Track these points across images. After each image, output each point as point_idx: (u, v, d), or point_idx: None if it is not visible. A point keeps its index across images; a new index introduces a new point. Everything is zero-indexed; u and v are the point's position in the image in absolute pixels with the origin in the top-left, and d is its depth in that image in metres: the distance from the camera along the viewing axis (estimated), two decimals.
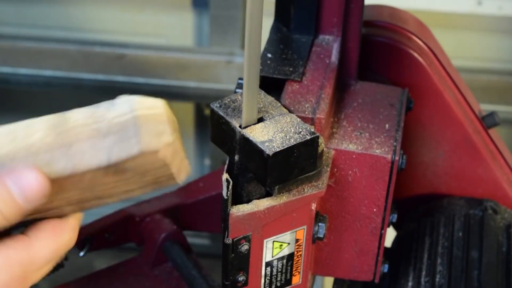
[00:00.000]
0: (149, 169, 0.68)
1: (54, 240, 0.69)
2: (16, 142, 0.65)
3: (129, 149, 0.66)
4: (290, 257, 0.93)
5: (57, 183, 0.66)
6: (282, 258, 0.93)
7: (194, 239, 1.52)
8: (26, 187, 0.63)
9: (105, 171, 0.67)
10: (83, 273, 1.21)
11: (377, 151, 0.95)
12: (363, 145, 0.96)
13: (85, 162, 0.66)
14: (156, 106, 0.69)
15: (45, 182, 0.63)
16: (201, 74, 2.20)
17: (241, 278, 0.90)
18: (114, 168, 0.67)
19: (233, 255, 0.88)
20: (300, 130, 0.85)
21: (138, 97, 0.69)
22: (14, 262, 0.66)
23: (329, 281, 1.68)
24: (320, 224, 0.93)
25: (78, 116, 0.68)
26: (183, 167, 0.71)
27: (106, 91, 2.25)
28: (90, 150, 0.66)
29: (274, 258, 0.92)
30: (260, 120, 0.86)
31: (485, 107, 1.24)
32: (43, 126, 0.67)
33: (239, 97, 0.88)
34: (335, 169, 0.96)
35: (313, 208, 0.91)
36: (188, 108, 2.48)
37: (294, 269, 0.95)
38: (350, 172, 0.96)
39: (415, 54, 1.11)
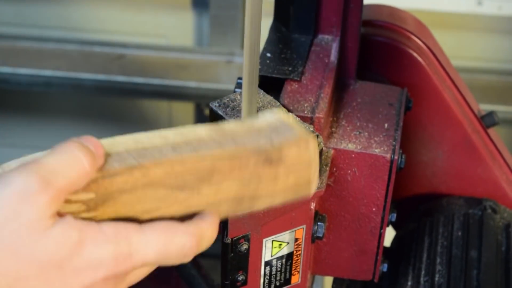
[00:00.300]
0: (296, 164, 0.73)
1: (165, 237, 0.66)
2: (184, 135, 0.70)
3: (287, 135, 0.73)
4: (289, 256, 0.94)
5: (223, 163, 0.69)
6: (281, 257, 0.93)
7: None
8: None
9: (266, 157, 0.71)
10: None
11: (376, 150, 0.95)
12: (362, 144, 0.96)
13: (249, 143, 0.71)
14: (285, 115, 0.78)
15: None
16: (201, 74, 2.21)
17: (241, 278, 0.91)
18: (275, 154, 0.72)
19: (232, 254, 0.88)
20: None
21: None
22: (122, 237, 0.63)
23: (328, 280, 1.68)
24: (319, 223, 0.94)
25: (230, 124, 0.73)
26: (316, 178, 0.77)
27: (106, 91, 2.25)
28: (251, 138, 0.72)
29: (273, 257, 0.92)
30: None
31: (485, 107, 1.24)
32: (204, 128, 0.71)
33: (239, 97, 0.89)
34: (334, 169, 0.96)
35: (312, 207, 0.91)
36: (188, 108, 2.48)
37: (293, 269, 0.95)
38: (349, 171, 0.96)
39: (414, 54, 1.11)
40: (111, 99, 2.47)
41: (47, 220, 0.60)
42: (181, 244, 0.67)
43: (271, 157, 0.72)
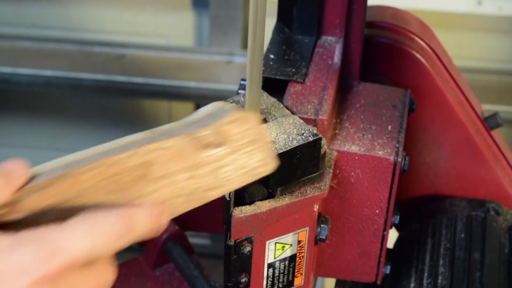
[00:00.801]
0: (241, 143, 0.73)
1: (90, 223, 0.62)
2: (116, 143, 0.69)
3: (224, 117, 0.73)
4: (292, 258, 0.93)
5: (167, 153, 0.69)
6: (284, 259, 0.93)
7: (194, 239, 1.52)
8: None
9: (206, 143, 0.71)
10: None
11: (379, 152, 0.95)
12: (366, 146, 0.96)
13: (184, 132, 0.71)
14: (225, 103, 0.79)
15: None
16: (201, 74, 2.21)
17: (243, 280, 0.90)
18: (214, 137, 0.71)
19: (235, 256, 0.88)
20: (303, 131, 0.85)
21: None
22: (42, 236, 0.61)
23: (330, 282, 1.68)
24: (322, 225, 0.93)
25: (167, 125, 0.73)
26: (270, 155, 0.76)
27: (106, 91, 2.25)
28: (186, 128, 0.72)
29: (276, 259, 0.92)
30: (263, 121, 0.86)
31: (485, 107, 1.24)
32: (139, 133, 0.71)
33: (242, 98, 0.88)
34: (338, 171, 0.96)
35: (315, 209, 0.91)
36: (188, 108, 2.48)
37: (296, 271, 0.95)
38: (352, 173, 0.96)
39: (418, 55, 1.11)
40: (111, 99, 2.47)
41: None
42: (109, 226, 0.63)
43: (210, 141, 0.71)
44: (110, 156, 0.66)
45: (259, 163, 0.75)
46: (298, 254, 0.93)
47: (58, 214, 0.64)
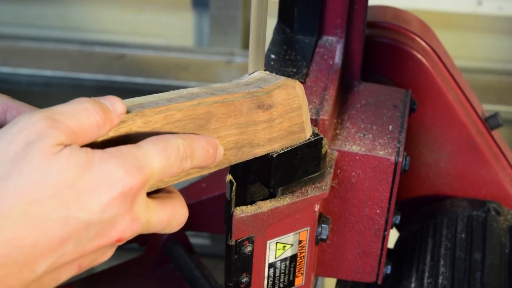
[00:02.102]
0: (288, 108, 0.79)
1: (161, 143, 0.68)
2: (177, 92, 0.75)
3: (274, 82, 0.79)
4: (293, 258, 0.93)
5: (218, 109, 0.74)
6: (285, 259, 0.93)
7: (195, 239, 1.52)
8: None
9: (258, 103, 0.77)
10: (85, 273, 1.21)
11: (380, 152, 0.95)
12: (367, 146, 0.96)
13: (241, 91, 0.76)
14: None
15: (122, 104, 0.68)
16: (201, 74, 2.20)
17: (244, 280, 0.90)
18: (266, 100, 0.77)
19: (236, 256, 0.88)
20: None
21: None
22: (127, 152, 0.66)
23: (331, 282, 1.68)
24: (323, 225, 0.93)
25: (219, 84, 0.79)
26: (309, 123, 0.83)
27: (106, 91, 2.25)
28: (241, 88, 0.77)
29: (277, 259, 0.92)
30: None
31: (485, 107, 1.25)
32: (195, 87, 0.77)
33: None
34: (339, 171, 0.96)
35: (316, 209, 0.91)
36: None
37: (297, 271, 0.95)
38: (353, 173, 0.96)
39: (419, 56, 1.11)
40: None
41: (55, 147, 0.62)
42: (176, 147, 0.68)
43: (262, 103, 0.77)
44: (178, 102, 0.72)
45: (299, 128, 0.81)
46: (299, 254, 0.93)
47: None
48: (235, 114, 0.75)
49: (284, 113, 0.79)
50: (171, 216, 0.71)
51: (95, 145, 0.66)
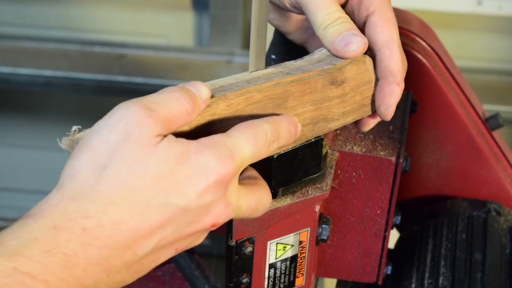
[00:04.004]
0: (359, 82, 0.82)
1: (249, 129, 0.72)
2: (253, 74, 0.78)
3: (343, 54, 0.81)
4: (294, 259, 0.93)
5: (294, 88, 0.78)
6: (285, 260, 0.93)
7: None
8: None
9: (331, 80, 0.80)
10: None
11: (381, 153, 0.95)
12: (367, 147, 0.96)
13: (314, 69, 0.80)
14: None
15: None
16: (201, 74, 2.20)
17: (245, 280, 0.90)
18: (339, 75, 0.80)
19: (236, 257, 0.88)
20: None
21: None
22: (219, 142, 0.70)
23: (331, 282, 1.68)
24: (323, 226, 0.93)
25: (292, 61, 0.82)
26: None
27: (106, 91, 2.25)
28: (314, 66, 0.81)
29: (277, 260, 0.92)
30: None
31: (485, 107, 1.24)
32: (270, 67, 0.80)
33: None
34: (339, 171, 0.96)
35: (317, 210, 0.91)
36: None
37: (297, 271, 0.95)
38: (354, 174, 0.96)
39: (419, 56, 1.11)
40: (111, 99, 2.46)
41: (153, 138, 0.66)
42: (264, 132, 0.72)
43: (335, 79, 0.80)
44: (257, 83, 0.76)
45: (370, 100, 0.84)
46: (299, 254, 0.93)
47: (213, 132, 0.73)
48: (310, 92, 0.79)
49: (356, 87, 0.82)
50: (258, 201, 0.75)
51: (184, 131, 0.71)
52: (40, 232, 0.64)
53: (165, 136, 0.68)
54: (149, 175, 0.66)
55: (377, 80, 0.84)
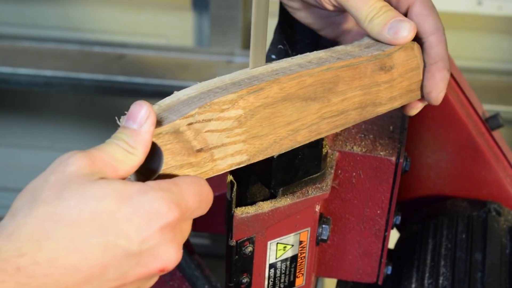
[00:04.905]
0: (407, 68, 0.84)
1: (194, 183, 0.71)
2: (305, 57, 0.81)
3: (395, 42, 0.83)
4: (294, 259, 0.93)
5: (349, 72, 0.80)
6: (285, 260, 0.93)
7: (195, 239, 1.52)
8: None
9: (380, 65, 0.82)
10: None
11: (381, 153, 0.95)
12: (367, 147, 0.96)
13: (364, 54, 0.82)
14: None
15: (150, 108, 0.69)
16: (201, 74, 2.20)
17: (245, 280, 0.90)
18: (388, 61, 0.82)
19: (236, 257, 0.88)
20: None
21: None
22: (166, 186, 0.68)
23: (331, 282, 1.68)
24: (324, 226, 0.93)
25: (342, 46, 0.84)
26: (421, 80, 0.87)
27: (106, 91, 2.25)
28: (363, 51, 0.83)
29: (277, 260, 0.92)
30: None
31: (485, 107, 1.24)
32: (321, 51, 0.82)
33: None
34: (339, 171, 0.96)
35: (317, 210, 0.91)
36: None
37: (297, 271, 0.95)
38: (354, 174, 0.96)
39: None
40: (111, 99, 2.46)
41: (92, 175, 0.65)
42: (205, 194, 0.71)
43: (384, 65, 0.82)
44: (309, 68, 0.77)
45: (417, 86, 0.86)
46: (299, 254, 0.93)
47: (267, 114, 0.75)
48: (360, 77, 0.80)
49: (404, 73, 0.84)
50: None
51: (241, 119, 0.73)
52: None
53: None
54: (86, 209, 0.63)
55: (424, 66, 0.86)
